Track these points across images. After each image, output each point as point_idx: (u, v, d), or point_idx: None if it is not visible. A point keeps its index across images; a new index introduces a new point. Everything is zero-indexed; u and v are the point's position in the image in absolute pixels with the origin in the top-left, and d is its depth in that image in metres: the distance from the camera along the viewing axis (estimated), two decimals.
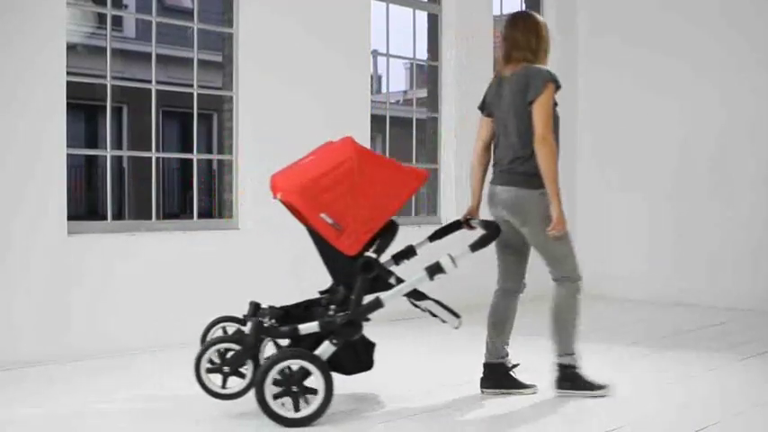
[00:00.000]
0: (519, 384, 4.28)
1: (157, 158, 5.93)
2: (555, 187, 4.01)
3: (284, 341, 3.99)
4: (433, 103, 7.61)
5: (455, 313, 4.05)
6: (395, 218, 4.04)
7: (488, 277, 4.48)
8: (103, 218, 5.60)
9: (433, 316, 4.12)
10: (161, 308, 5.45)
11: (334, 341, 3.71)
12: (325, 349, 3.70)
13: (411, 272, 3.99)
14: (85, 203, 15.47)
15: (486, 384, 4.28)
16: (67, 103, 5.10)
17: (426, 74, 7.80)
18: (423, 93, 8.03)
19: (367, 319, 3.86)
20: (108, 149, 5.69)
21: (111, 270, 5.25)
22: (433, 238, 4.43)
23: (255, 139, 6.01)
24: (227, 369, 3.95)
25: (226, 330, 4.43)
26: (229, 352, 3.99)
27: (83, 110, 14.87)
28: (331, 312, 3.85)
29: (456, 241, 4.36)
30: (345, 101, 6.57)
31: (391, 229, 4.04)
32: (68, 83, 5.10)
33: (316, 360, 3.63)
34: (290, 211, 4.18)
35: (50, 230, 5.00)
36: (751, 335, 6.10)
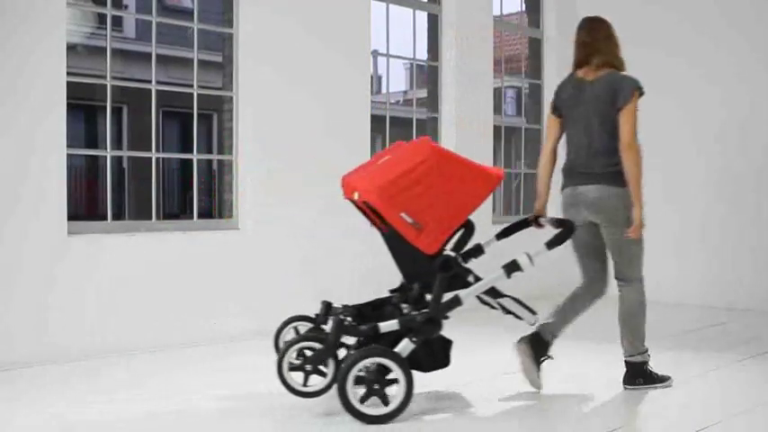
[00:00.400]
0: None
1: (157, 159, 5.93)
2: (639, 192, 4.15)
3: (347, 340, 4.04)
4: (432, 103, 7.61)
5: (531, 310, 4.12)
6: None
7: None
8: (103, 218, 5.60)
9: (507, 313, 4.17)
10: (161, 308, 5.45)
11: (414, 339, 3.77)
12: (405, 347, 3.76)
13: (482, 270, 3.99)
14: (85, 204, 15.46)
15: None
16: (67, 104, 5.10)
17: (426, 74, 7.80)
18: (423, 93, 8.03)
19: (446, 317, 3.90)
20: (108, 150, 5.69)
21: (111, 270, 5.25)
22: (500, 236, 4.48)
23: (255, 140, 6.01)
24: (309, 367, 3.97)
25: (298, 330, 4.47)
26: (305, 350, 4.04)
27: (83, 110, 14.87)
28: (405, 310, 3.93)
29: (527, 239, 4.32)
30: (345, 101, 6.57)
31: (468, 228, 4.15)
32: (68, 83, 5.10)
33: (396, 357, 3.68)
34: (361, 210, 4.22)
35: (50, 230, 5.00)
36: (751, 335, 6.11)
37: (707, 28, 7.59)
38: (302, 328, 4.47)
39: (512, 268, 3.93)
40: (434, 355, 3.99)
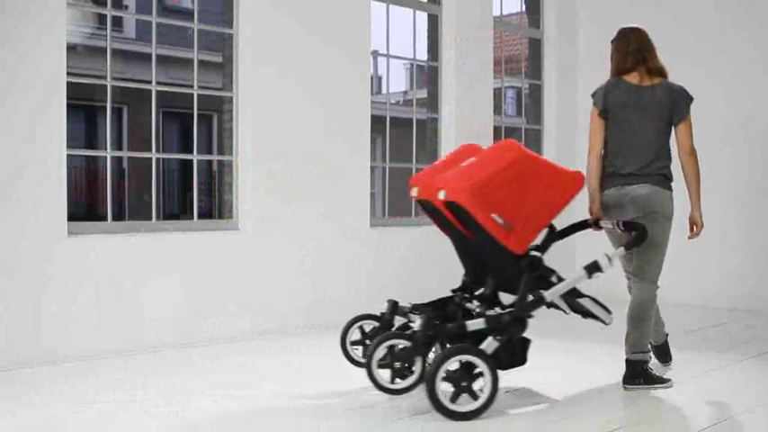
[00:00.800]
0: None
1: (157, 159, 5.93)
2: (699, 194, 4.48)
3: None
4: (433, 103, 7.60)
5: (608, 309, 4.21)
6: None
7: None
8: (103, 219, 5.59)
9: (584, 316, 4.25)
10: (161, 308, 5.45)
11: (498, 337, 3.83)
12: (489, 344, 3.82)
13: None
14: (85, 204, 15.46)
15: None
16: (68, 104, 5.10)
17: (426, 74, 7.79)
18: (423, 93, 8.02)
19: (530, 316, 3.96)
20: (108, 150, 5.69)
21: (111, 271, 5.25)
22: (558, 237, 4.52)
23: (255, 140, 6.01)
24: (398, 365, 4.00)
25: (363, 329, 4.51)
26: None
27: (83, 111, 14.87)
28: (476, 310, 4.04)
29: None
30: (345, 101, 6.56)
31: (551, 230, 4.25)
32: (68, 83, 5.10)
33: (483, 355, 3.74)
34: (432, 212, 4.30)
35: (50, 231, 5.00)
36: (752, 335, 6.10)
37: (708, 29, 7.59)
38: (367, 326, 4.51)
39: (593, 269, 4.08)
40: (514, 353, 4.03)
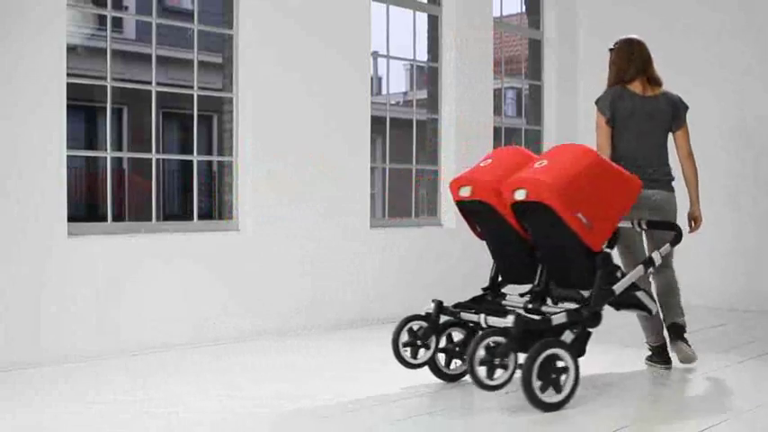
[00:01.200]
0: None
1: (157, 160, 5.93)
2: (698, 193, 4.92)
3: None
4: (433, 104, 7.61)
5: (654, 300, 4.56)
6: None
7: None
8: (103, 219, 5.59)
9: (630, 309, 4.51)
10: (161, 309, 5.45)
11: (575, 330, 4.04)
12: (566, 337, 4.03)
13: None
14: (85, 205, 15.45)
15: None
16: (68, 105, 5.10)
17: (426, 75, 7.80)
18: (423, 94, 8.03)
19: (602, 309, 4.19)
20: (108, 151, 5.70)
21: (111, 272, 5.25)
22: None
23: (255, 141, 6.01)
24: (497, 361, 4.02)
25: (413, 329, 4.53)
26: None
27: (83, 111, 14.87)
28: (530, 306, 4.29)
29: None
30: (346, 102, 6.57)
31: (616, 229, 4.47)
32: (69, 84, 5.10)
33: (568, 348, 3.94)
34: (479, 210, 4.43)
35: (50, 232, 5.00)
36: (752, 336, 6.11)
37: (707, 29, 7.59)
38: (416, 326, 4.53)
39: (648, 264, 4.44)
40: (580, 345, 4.14)
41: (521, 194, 4.09)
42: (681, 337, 4.82)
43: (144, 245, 5.45)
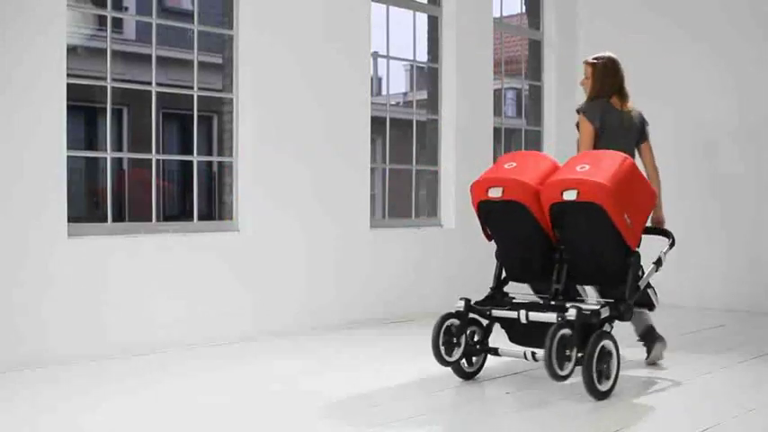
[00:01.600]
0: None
1: (157, 160, 5.93)
2: (661, 198, 5.16)
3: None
4: (433, 105, 7.61)
5: (657, 296, 4.84)
6: None
7: None
8: (103, 220, 5.60)
9: (641, 306, 4.75)
10: (161, 310, 5.45)
11: (612, 323, 4.31)
12: (608, 329, 4.31)
13: None
14: (85, 205, 15.45)
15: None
16: (68, 105, 5.10)
17: (426, 76, 7.80)
18: (423, 95, 8.03)
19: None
20: (108, 151, 5.70)
21: (111, 272, 5.25)
22: None
23: (255, 141, 6.01)
24: (567, 353, 4.13)
25: (448, 327, 4.57)
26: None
27: (83, 112, 14.86)
28: (552, 302, 4.45)
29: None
30: (346, 103, 6.57)
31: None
32: (69, 85, 5.10)
33: (614, 339, 4.24)
34: (505, 211, 4.50)
35: (50, 232, 5.00)
36: (750, 337, 6.11)
37: (707, 30, 7.60)
38: (448, 324, 4.56)
39: (659, 264, 4.68)
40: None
41: (571, 195, 4.25)
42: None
43: (144, 246, 5.45)
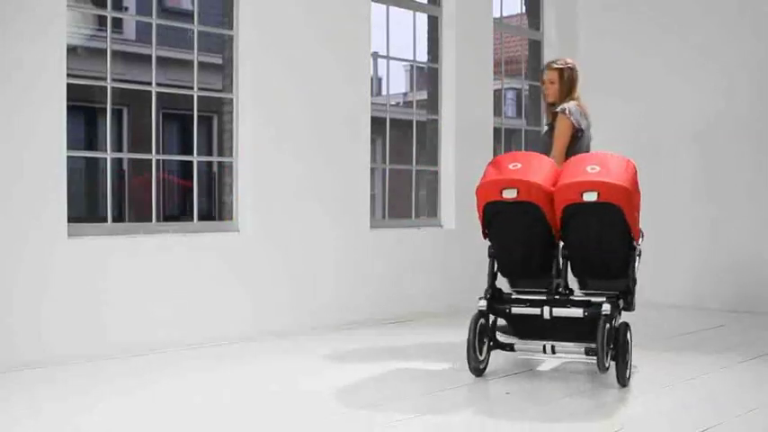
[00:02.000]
0: None
1: (157, 160, 5.93)
2: None
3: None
4: (433, 105, 7.61)
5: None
6: None
7: None
8: (103, 220, 5.60)
9: None
10: (161, 310, 5.45)
11: (621, 312, 4.57)
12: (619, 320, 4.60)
13: None
14: (85, 206, 15.45)
15: None
16: (68, 106, 5.10)
17: (426, 76, 7.80)
18: (423, 95, 8.03)
19: None
20: (108, 152, 5.70)
21: (111, 272, 5.25)
22: None
23: (255, 142, 6.01)
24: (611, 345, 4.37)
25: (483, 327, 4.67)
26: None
27: (83, 112, 14.86)
28: (557, 297, 4.64)
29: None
30: (346, 103, 6.57)
31: None
32: (69, 85, 5.10)
33: (630, 329, 4.58)
34: (516, 212, 4.61)
35: (50, 233, 5.00)
36: (749, 337, 6.11)
37: (707, 30, 7.61)
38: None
39: (640, 254, 4.80)
40: None
41: (591, 196, 4.43)
42: None
43: (144, 246, 5.45)
